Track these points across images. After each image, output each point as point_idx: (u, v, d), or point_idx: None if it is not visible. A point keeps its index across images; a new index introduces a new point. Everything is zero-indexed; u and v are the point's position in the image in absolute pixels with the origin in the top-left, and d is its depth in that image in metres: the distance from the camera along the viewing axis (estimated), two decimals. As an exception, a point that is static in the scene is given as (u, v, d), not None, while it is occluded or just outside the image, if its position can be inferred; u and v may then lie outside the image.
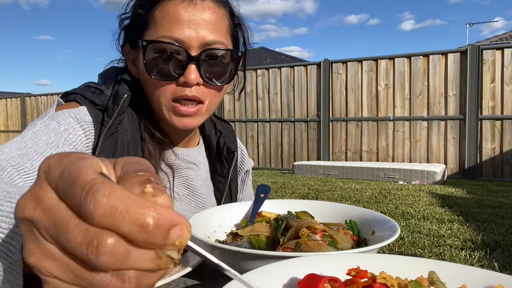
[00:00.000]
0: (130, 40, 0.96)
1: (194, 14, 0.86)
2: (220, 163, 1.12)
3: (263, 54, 25.03)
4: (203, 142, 1.15)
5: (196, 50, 0.86)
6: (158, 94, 0.89)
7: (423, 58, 8.09)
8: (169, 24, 0.85)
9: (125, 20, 0.96)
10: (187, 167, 1.05)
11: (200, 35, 0.86)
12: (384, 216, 0.77)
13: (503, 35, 19.22)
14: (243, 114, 10.09)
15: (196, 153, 1.09)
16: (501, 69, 7.51)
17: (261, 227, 0.78)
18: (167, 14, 0.86)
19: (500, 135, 7.59)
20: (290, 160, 9.47)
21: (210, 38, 0.87)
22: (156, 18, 0.87)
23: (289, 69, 9.46)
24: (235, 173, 1.17)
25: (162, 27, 0.86)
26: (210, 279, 0.67)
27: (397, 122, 8.37)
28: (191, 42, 0.85)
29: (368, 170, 7.60)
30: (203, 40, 0.86)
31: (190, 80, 0.85)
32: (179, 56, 0.86)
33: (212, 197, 1.12)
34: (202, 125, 1.12)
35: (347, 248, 0.69)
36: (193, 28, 0.85)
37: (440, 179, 7.03)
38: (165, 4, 0.87)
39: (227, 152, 1.11)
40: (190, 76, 0.85)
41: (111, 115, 0.87)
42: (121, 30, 0.98)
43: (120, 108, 0.88)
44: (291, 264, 0.50)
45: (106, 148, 0.86)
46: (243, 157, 1.24)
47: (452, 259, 3.08)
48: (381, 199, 5.49)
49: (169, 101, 0.89)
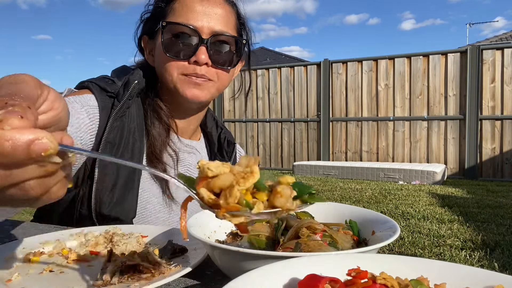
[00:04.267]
0: (148, 31, 1.11)
1: (207, 8, 1.03)
2: (221, 157, 1.23)
3: (263, 54, 25.02)
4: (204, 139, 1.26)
5: (207, 36, 1.01)
6: (171, 70, 1.02)
7: (423, 58, 8.09)
8: (186, 13, 1.02)
9: (147, 13, 1.12)
10: (189, 152, 1.15)
11: (211, 25, 1.02)
12: (384, 216, 0.77)
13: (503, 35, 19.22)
14: (243, 114, 10.09)
15: (198, 145, 1.20)
16: (501, 69, 7.51)
17: (261, 227, 0.78)
18: (185, 5, 1.03)
19: (500, 135, 7.59)
20: (290, 160, 9.47)
21: (219, 28, 1.03)
22: (175, 9, 1.04)
23: (289, 69, 9.46)
24: None
25: (180, 16, 1.02)
26: (210, 279, 0.67)
27: (397, 122, 8.37)
28: (203, 29, 1.01)
29: (368, 170, 7.60)
30: (213, 28, 1.02)
31: (200, 60, 1.00)
32: (192, 38, 1.01)
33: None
34: (204, 123, 1.23)
35: (347, 248, 0.69)
36: (206, 19, 1.01)
37: (440, 179, 7.03)
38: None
39: (228, 145, 1.23)
40: (200, 56, 1.00)
41: (121, 99, 1.00)
42: (140, 23, 1.12)
43: (130, 92, 1.01)
44: (291, 264, 0.50)
45: (114, 128, 0.98)
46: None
47: (452, 259, 3.08)
48: (381, 199, 5.49)
49: (180, 75, 1.02)
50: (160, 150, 1.06)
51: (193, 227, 0.70)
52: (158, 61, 1.07)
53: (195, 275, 0.66)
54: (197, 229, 0.71)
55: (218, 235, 0.80)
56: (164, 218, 1.06)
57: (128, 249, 0.73)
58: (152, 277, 0.62)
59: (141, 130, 1.05)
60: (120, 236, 0.77)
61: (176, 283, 0.64)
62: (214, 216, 0.84)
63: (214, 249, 0.62)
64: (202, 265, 0.68)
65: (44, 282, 0.64)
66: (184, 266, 0.65)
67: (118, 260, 0.65)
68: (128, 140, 1.01)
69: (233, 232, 0.82)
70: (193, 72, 1.01)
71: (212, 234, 0.79)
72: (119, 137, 0.99)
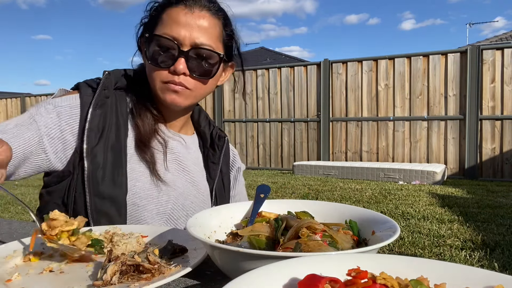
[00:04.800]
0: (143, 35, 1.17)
1: (191, 20, 1.07)
2: (213, 151, 1.31)
3: (263, 54, 25.02)
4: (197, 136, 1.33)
5: (187, 47, 1.07)
6: (154, 76, 1.10)
7: (423, 58, 8.09)
8: (170, 24, 1.07)
9: (145, 18, 1.18)
10: (176, 140, 1.22)
11: (192, 36, 1.06)
12: (384, 216, 0.77)
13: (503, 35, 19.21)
14: (243, 114, 10.09)
15: (189, 140, 1.27)
16: (501, 69, 7.51)
17: (261, 227, 0.78)
18: (170, 17, 1.08)
19: (500, 135, 7.59)
20: (290, 160, 9.47)
21: (200, 40, 1.07)
22: (163, 19, 1.09)
23: (289, 69, 9.46)
24: (227, 167, 1.35)
25: (165, 26, 1.08)
26: (210, 279, 0.67)
27: (397, 122, 8.37)
28: (184, 40, 1.06)
29: (368, 170, 7.60)
30: (194, 40, 1.07)
31: (178, 70, 1.06)
32: (173, 50, 1.07)
33: (204, 181, 1.27)
34: (197, 122, 1.32)
35: (347, 248, 0.69)
36: (188, 30, 1.06)
37: (440, 179, 7.03)
38: (171, 9, 1.09)
39: (219, 138, 1.32)
40: (178, 66, 1.06)
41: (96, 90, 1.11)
42: (140, 26, 1.19)
43: (103, 82, 1.11)
44: (291, 264, 0.50)
45: (96, 115, 1.07)
46: (235, 157, 1.43)
47: (452, 259, 3.08)
48: (381, 199, 5.49)
49: (161, 82, 1.10)
50: (148, 137, 1.13)
51: (193, 227, 0.70)
52: (146, 65, 1.15)
53: (195, 275, 0.67)
54: (197, 229, 0.71)
55: (218, 235, 0.80)
56: (154, 196, 1.11)
57: (128, 249, 0.73)
58: (152, 277, 0.62)
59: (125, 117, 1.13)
60: (120, 236, 0.78)
61: (176, 283, 0.64)
62: (214, 216, 0.84)
63: (214, 249, 0.62)
64: (202, 265, 0.68)
65: (44, 282, 0.64)
66: (184, 266, 0.65)
67: (118, 260, 0.65)
68: (112, 125, 1.09)
69: (233, 232, 0.82)
70: (172, 80, 1.08)
71: (212, 234, 0.79)
72: (102, 124, 1.07)
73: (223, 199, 1.31)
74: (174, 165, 1.19)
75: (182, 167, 1.21)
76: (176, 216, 1.15)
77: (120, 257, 0.67)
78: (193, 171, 1.23)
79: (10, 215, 5.16)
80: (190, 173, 1.22)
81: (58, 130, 1.05)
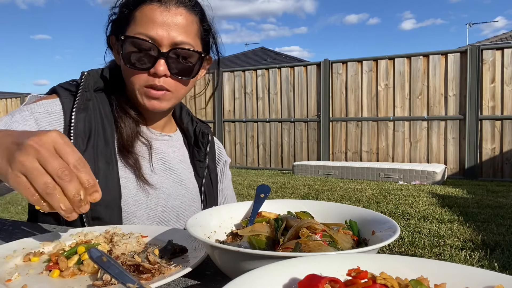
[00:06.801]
0: (115, 33, 1.11)
1: (167, 18, 1.02)
2: (198, 149, 1.27)
3: (263, 54, 25.02)
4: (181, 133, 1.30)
5: (166, 47, 1.02)
6: (133, 80, 1.05)
7: (423, 58, 8.09)
8: (146, 23, 1.01)
9: (113, 15, 1.12)
10: (160, 140, 1.19)
11: (171, 36, 1.01)
12: (384, 216, 0.77)
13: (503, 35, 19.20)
14: (243, 114, 10.09)
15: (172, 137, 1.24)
16: (501, 69, 7.51)
17: (261, 227, 0.78)
18: (145, 15, 1.02)
19: (500, 135, 7.59)
20: (290, 160, 9.47)
21: (179, 39, 1.02)
22: (136, 17, 1.03)
23: (289, 69, 9.46)
24: (213, 163, 1.32)
25: (140, 25, 1.02)
26: (210, 279, 0.67)
27: (397, 122, 8.37)
28: (163, 40, 1.01)
29: (368, 170, 7.60)
30: (173, 40, 1.02)
31: (158, 72, 1.01)
32: (151, 51, 1.01)
33: (192, 179, 1.24)
34: (180, 119, 1.28)
35: (347, 248, 0.68)
36: (166, 29, 1.01)
37: (440, 179, 7.03)
38: (144, 7, 1.03)
39: (202, 136, 1.27)
40: (159, 68, 1.01)
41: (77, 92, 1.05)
42: (109, 23, 1.13)
43: (83, 84, 1.05)
44: (291, 264, 0.50)
45: (80, 120, 1.02)
46: (220, 150, 1.40)
47: (452, 259, 3.08)
48: (381, 199, 5.49)
49: (142, 87, 1.05)
50: (131, 141, 1.09)
51: (193, 227, 0.70)
52: (122, 68, 1.10)
53: (195, 275, 0.66)
54: (197, 229, 0.71)
55: (218, 235, 0.80)
56: (142, 201, 1.08)
57: (128, 249, 0.73)
58: (152, 277, 0.62)
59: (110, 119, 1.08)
60: (120, 236, 0.77)
61: (176, 283, 0.64)
62: (214, 216, 0.84)
63: (214, 249, 0.62)
64: (202, 265, 0.68)
65: (44, 282, 0.64)
66: (184, 266, 0.65)
67: (118, 260, 0.65)
68: (99, 129, 1.04)
69: (233, 232, 0.82)
70: (152, 83, 1.03)
71: (212, 234, 0.79)
72: (88, 128, 1.02)
73: (212, 195, 1.28)
74: (160, 166, 1.16)
75: (168, 167, 1.18)
76: (167, 218, 1.12)
77: (120, 257, 0.67)
78: (179, 169, 1.20)
79: (10, 215, 5.16)
80: (177, 172, 1.19)
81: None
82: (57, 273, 0.66)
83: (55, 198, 0.63)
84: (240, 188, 6.70)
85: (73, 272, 0.66)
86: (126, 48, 1.03)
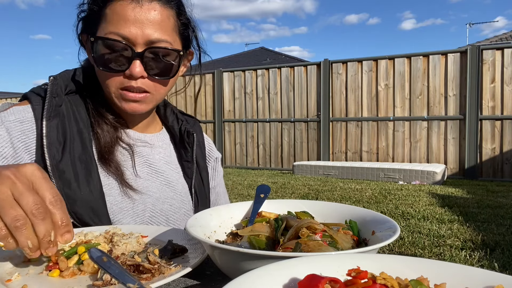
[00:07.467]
0: (86, 31, 1.04)
1: (140, 14, 0.94)
2: (184, 149, 1.20)
3: (263, 54, 25.02)
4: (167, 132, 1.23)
5: (141, 47, 0.95)
6: (108, 83, 0.99)
7: (423, 58, 8.09)
8: (117, 21, 0.94)
9: (82, 12, 1.04)
10: (143, 141, 1.13)
11: (145, 33, 0.94)
12: (384, 216, 0.77)
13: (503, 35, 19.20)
14: (243, 114, 10.09)
15: (154, 138, 1.17)
16: (501, 69, 7.51)
17: (261, 227, 0.78)
18: (116, 13, 0.94)
19: (500, 135, 7.59)
20: (290, 160, 9.47)
21: (155, 37, 0.95)
22: (107, 15, 0.95)
23: (289, 69, 9.46)
24: (203, 161, 1.26)
25: (111, 24, 0.94)
26: (210, 279, 0.67)
27: (397, 122, 8.37)
28: (137, 39, 0.94)
29: (368, 170, 7.60)
30: (148, 38, 0.95)
31: (134, 73, 0.95)
32: (126, 51, 0.94)
33: (181, 180, 1.19)
34: (164, 117, 1.22)
35: (347, 248, 0.68)
36: (139, 26, 0.94)
37: (440, 179, 7.03)
38: (114, 3, 0.95)
39: (188, 136, 1.19)
40: (134, 69, 0.94)
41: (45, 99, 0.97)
42: (79, 21, 1.05)
43: (50, 90, 0.97)
44: (291, 264, 0.50)
45: (53, 126, 0.94)
46: (211, 147, 1.34)
47: (452, 259, 3.08)
48: (381, 199, 5.49)
49: (118, 89, 0.98)
50: (110, 149, 1.02)
51: (193, 227, 0.70)
52: (96, 71, 1.02)
53: (195, 275, 0.67)
54: (197, 229, 0.71)
55: (218, 235, 0.80)
56: (128, 208, 1.02)
57: (128, 249, 0.73)
58: (152, 277, 0.62)
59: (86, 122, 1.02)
60: (120, 236, 0.77)
61: (176, 283, 0.64)
62: (214, 216, 0.84)
63: (214, 249, 0.62)
64: (202, 265, 0.68)
65: (44, 282, 0.64)
66: (184, 266, 0.65)
67: (118, 260, 0.65)
68: (74, 134, 0.98)
69: (233, 232, 0.82)
70: (129, 85, 0.97)
71: (212, 234, 0.79)
72: (63, 134, 0.96)
73: (203, 193, 1.23)
74: (145, 169, 1.09)
75: (153, 170, 1.11)
76: (156, 223, 1.07)
77: (120, 257, 0.67)
78: (166, 171, 1.14)
79: (10, 215, 5.16)
80: (163, 174, 1.13)
81: (10, 148, 0.92)
82: (57, 273, 0.66)
83: (23, 234, 0.59)
84: (240, 188, 6.70)
85: (73, 272, 0.66)
86: (97, 50, 0.95)
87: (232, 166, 10.24)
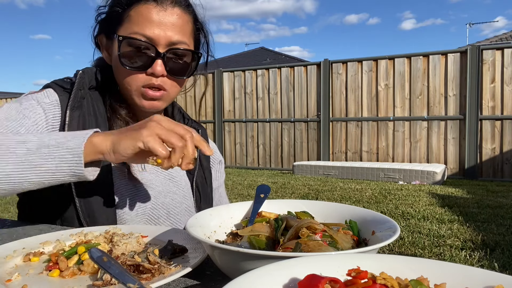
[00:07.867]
0: (105, 32, 1.12)
1: (164, 17, 1.02)
2: None
3: (263, 54, 25.02)
4: None
5: (163, 47, 1.03)
6: (130, 81, 1.05)
7: (423, 58, 8.09)
8: (142, 23, 1.01)
9: (102, 14, 1.11)
10: None
11: (168, 35, 1.02)
12: (384, 216, 0.77)
13: (503, 35, 19.20)
14: (243, 114, 10.09)
15: None
16: (501, 69, 7.51)
17: (261, 227, 0.78)
18: (141, 14, 1.02)
19: (500, 135, 7.59)
20: (290, 160, 9.47)
21: (176, 38, 1.03)
22: (131, 16, 1.03)
23: (289, 69, 9.46)
24: (207, 162, 1.32)
25: (136, 25, 1.01)
26: (210, 279, 0.67)
27: (397, 122, 8.37)
28: (160, 40, 1.02)
29: (368, 170, 7.60)
30: (170, 39, 1.03)
31: (157, 72, 1.02)
32: (149, 51, 1.02)
33: (184, 176, 1.24)
34: (172, 116, 1.28)
35: (347, 248, 0.68)
36: (162, 28, 1.02)
37: (440, 179, 7.03)
38: (140, 6, 1.03)
39: None
40: (157, 68, 1.02)
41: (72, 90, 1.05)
42: (97, 23, 1.12)
43: (78, 82, 1.05)
44: (291, 264, 0.50)
45: (75, 117, 1.02)
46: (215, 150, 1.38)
47: (452, 259, 3.08)
48: (381, 199, 5.49)
49: (139, 87, 1.05)
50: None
51: (193, 227, 0.70)
52: (115, 68, 1.09)
53: (195, 275, 0.67)
54: (197, 229, 0.71)
55: (218, 235, 0.80)
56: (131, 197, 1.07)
57: (128, 249, 0.73)
58: (152, 277, 0.62)
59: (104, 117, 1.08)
60: (120, 236, 0.77)
61: (176, 283, 0.64)
62: (214, 216, 0.84)
63: (214, 249, 0.62)
64: (202, 265, 0.68)
65: (44, 282, 0.64)
66: (184, 266, 0.65)
67: (118, 260, 0.65)
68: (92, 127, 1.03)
69: (233, 232, 0.82)
70: (150, 82, 1.04)
71: (212, 234, 0.79)
72: (82, 126, 1.02)
73: (206, 191, 1.27)
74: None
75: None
76: (157, 215, 1.12)
77: (120, 257, 0.67)
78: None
79: (10, 215, 5.16)
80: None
81: (46, 127, 0.99)
82: (57, 273, 0.66)
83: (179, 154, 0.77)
84: (240, 188, 6.70)
85: (73, 272, 0.66)
86: (121, 48, 1.02)
87: (232, 166, 10.24)
